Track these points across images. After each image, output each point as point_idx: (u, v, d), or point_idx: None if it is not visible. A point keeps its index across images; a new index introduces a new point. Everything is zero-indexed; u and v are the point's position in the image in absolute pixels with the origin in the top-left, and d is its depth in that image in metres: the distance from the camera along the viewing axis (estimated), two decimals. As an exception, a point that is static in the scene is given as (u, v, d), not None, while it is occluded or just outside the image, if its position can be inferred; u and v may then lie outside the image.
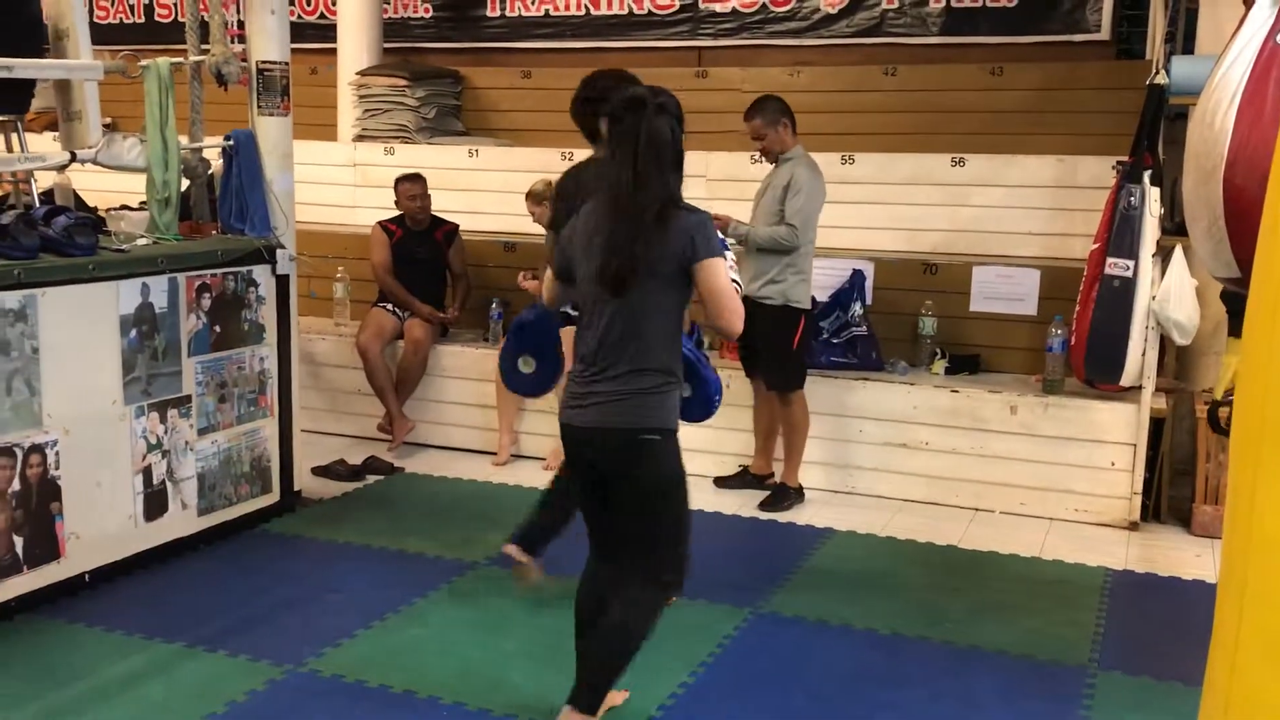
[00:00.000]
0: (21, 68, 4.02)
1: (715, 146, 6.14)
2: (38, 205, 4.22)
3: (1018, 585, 4.21)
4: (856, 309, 5.51)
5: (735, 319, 2.78)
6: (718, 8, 7.17)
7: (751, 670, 3.44)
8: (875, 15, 6.83)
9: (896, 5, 6.78)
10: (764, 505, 5.03)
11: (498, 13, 7.71)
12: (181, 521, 4.21)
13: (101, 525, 3.89)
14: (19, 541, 3.60)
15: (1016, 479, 4.99)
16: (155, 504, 4.10)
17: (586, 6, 7.50)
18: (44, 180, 4.84)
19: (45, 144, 5.54)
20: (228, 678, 3.28)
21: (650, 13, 7.33)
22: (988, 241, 5.77)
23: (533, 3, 7.61)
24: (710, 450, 5.40)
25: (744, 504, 5.05)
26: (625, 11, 7.38)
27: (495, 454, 5.64)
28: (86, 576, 3.85)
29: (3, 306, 3.50)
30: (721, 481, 5.31)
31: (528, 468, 5.54)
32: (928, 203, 5.93)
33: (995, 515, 4.97)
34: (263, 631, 3.54)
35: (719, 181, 6.08)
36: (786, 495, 5.06)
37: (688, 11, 7.23)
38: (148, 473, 4.06)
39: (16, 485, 3.58)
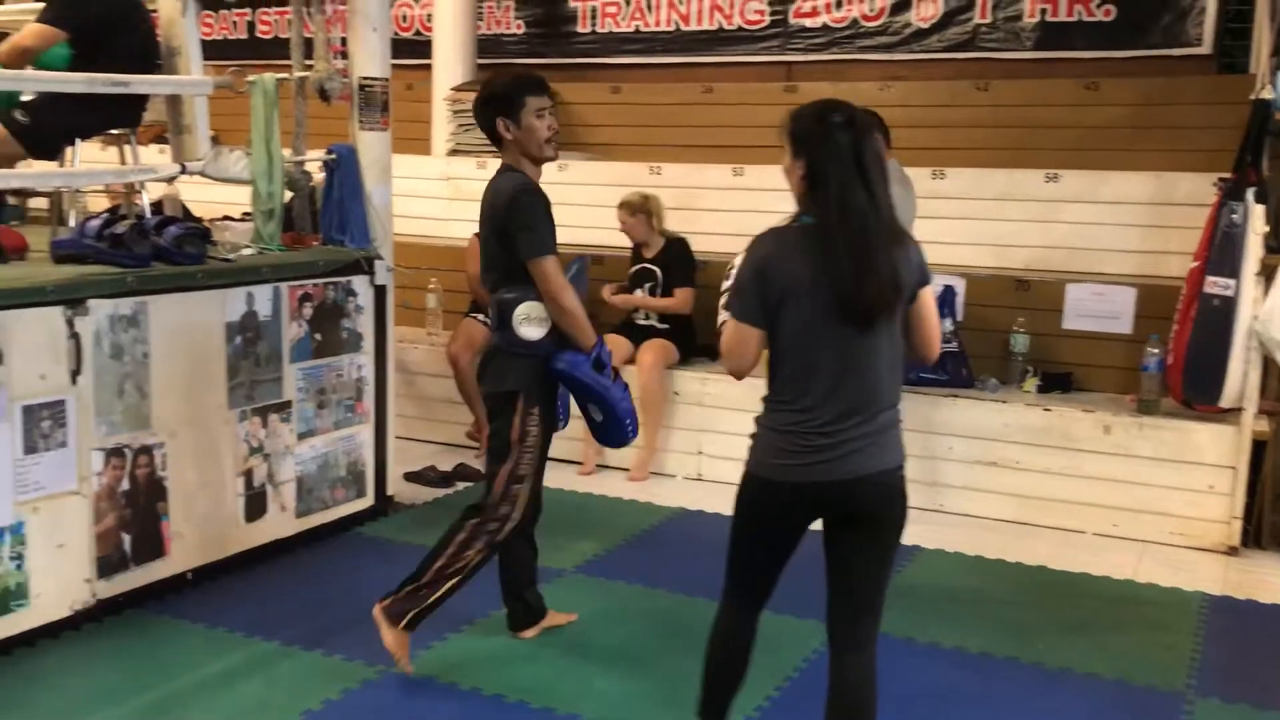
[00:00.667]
0: (136, 84, 4.19)
1: (804, 160, 6.13)
2: (149, 215, 4.38)
3: (1110, 607, 4.13)
4: (946, 325, 5.45)
5: (939, 345, 2.71)
6: (808, 23, 7.18)
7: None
8: (968, 30, 6.78)
9: (989, 20, 6.72)
10: (850, 521, 5.01)
11: (588, 29, 7.81)
12: (280, 523, 4.34)
13: (204, 525, 4.03)
14: (127, 539, 3.75)
15: (1109, 500, 4.90)
16: (256, 506, 4.23)
17: (677, 22, 7.56)
18: (154, 191, 5.03)
19: (154, 156, 5.74)
20: (324, 676, 3.37)
21: (740, 28, 7.37)
22: (1082, 258, 5.69)
23: (623, 19, 7.70)
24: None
25: (830, 519, 5.03)
26: (715, 27, 7.43)
27: (581, 464, 5.70)
28: (190, 574, 3.99)
29: (116, 313, 3.66)
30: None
31: (613, 478, 5.59)
32: (1020, 219, 5.87)
33: (1087, 536, 4.88)
34: (357, 632, 3.62)
35: (808, 196, 6.08)
36: (875, 512, 5.03)
37: (778, 26, 7.25)
38: (249, 475, 4.19)
39: (126, 485, 3.73)
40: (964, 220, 5.90)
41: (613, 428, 3.52)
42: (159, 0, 4.43)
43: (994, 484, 5.11)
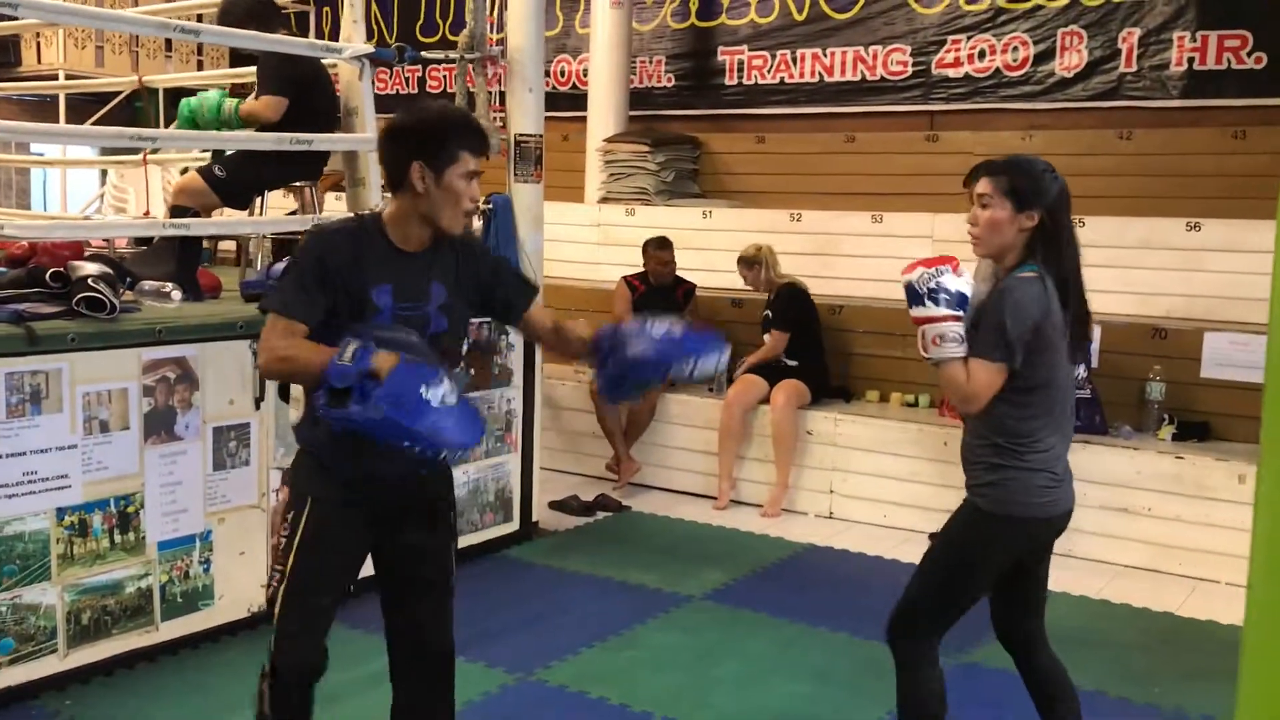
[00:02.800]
0: (319, 141, 4.67)
1: (945, 208, 6.26)
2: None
3: (1235, 656, 4.11)
4: (1081, 372, 5.50)
5: None
6: (950, 73, 7.31)
7: (953, 715, 3.56)
8: (1113, 79, 6.81)
9: (1135, 69, 6.74)
10: (977, 562, 5.10)
11: (735, 81, 8.11)
12: (433, 542, 4.71)
13: (366, 541, 4.42)
14: (300, 549, 4.16)
15: (1242, 550, 4.83)
16: (411, 525, 4.61)
17: (820, 74, 7.79)
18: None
19: (331, 205, 6.26)
20: (467, 680, 3.67)
21: (883, 78, 7.55)
22: (1223, 307, 5.65)
23: (768, 71, 7.97)
24: (925, 506, 5.53)
25: (957, 560, 5.13)
26: (858, 78, 7.63)
27: (716, 499, 5.94)
28: (350, 586, 4.37)
29: (297, 346, 4.09)
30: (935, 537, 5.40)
31: (746, 513, 5.80)
32: (1160, 267, 5.87)
33: (1219, 586, 4.85)
34: (498, 643, 3.95)
35: (945, 243, 6.20)
36: (1001, 554, 5.11)
37: (920, 77, 7.41)
38: (407, 497, 4.58)
39: (300, 501, 4.14)
40: (1102, 268, 5.85)
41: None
42: (339, 64, 4.90)
43: (1125, 530, 5.12)
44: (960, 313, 2.58)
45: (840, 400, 6.14)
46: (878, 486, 5.75)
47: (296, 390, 2.56)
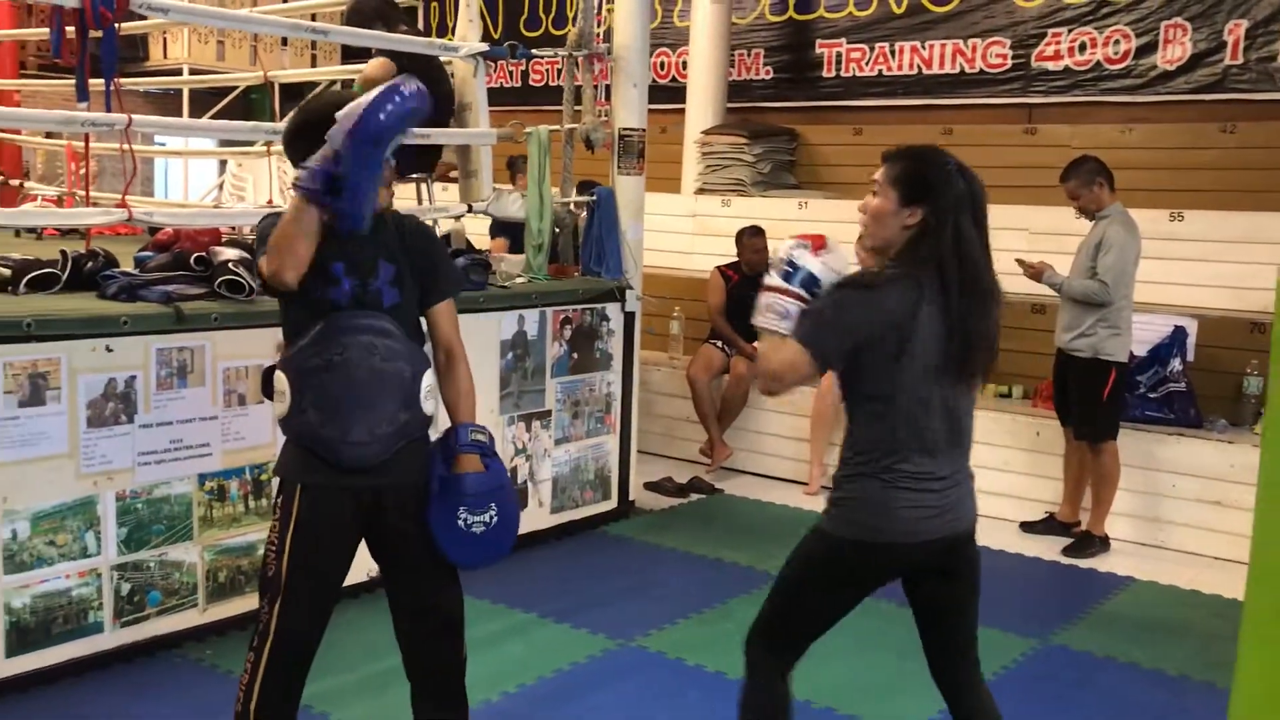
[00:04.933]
0: (435, 136, 4.94)
1: (1041, 202, 6.30)
2: (440, 247, 5.11)
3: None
4: (1176, 365, 5.53)
5: None
6: (1050, 66, 7.32)
7: (1030, 692, 3.69)
8: (1217, 71, 6.76)
9: (1241, 61, 6.68)
10: (1068, 551, 5.17)
11: (833, 73, 8.20)
12: (538, 516, 4.96)
13: (475, 513, 4.68)
14: (415, 519, 4.43)
15: (1339, 545, 4.86)
16: (518, 499, 4.86)
17: (919, 66, 7.85)
18: (443, 226, 5.80)
19: (443, 195, 6.54)
20: (572, 644, 3.92)
21: (981, 71, 7.58)
22: (1326, 302, 5.62)
23: (867, 63, 8.05)
24: (1018, 495, 5.61)
25: (1047, 549, 5.21)
26: (956, 70, 7.67)
27: (806, 484, 6.09)
28: (345, 569, 4.62)
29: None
30: (1028, 526, 5.49)
31: (838, 499, 5.94)
32: (1261, 261, 5.84)
33: (1314, 580, 4.86)
34: (600, 611, 4.17)
35: (1041, 235, 6.25)
36: (1091, 544, 5.18)
37: (1019, 69, 7.42)
38: (514, 472, 4.83)
39: (415, 474, 4.41)
40: (1200, 262, 5.92)
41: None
42: (455, 63, 5.16)
43: (1217, 523, 5.15)
44: (801, 291, 2.38)
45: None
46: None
47: (281, 384, 2.59)
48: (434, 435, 2.79)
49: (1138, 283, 5.14)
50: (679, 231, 7.73)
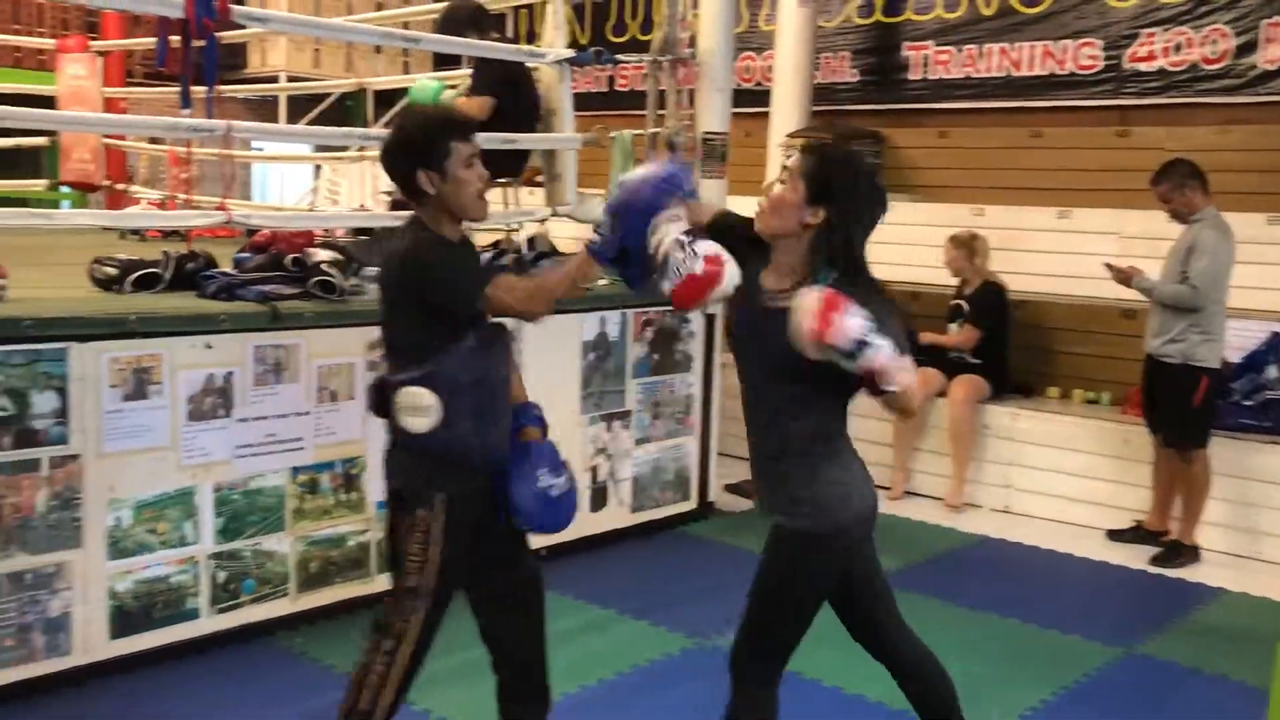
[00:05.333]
0: (522, 141, 5.03)
1: (1134, 205, 6.18)
2: (525, 251, 5.20)
3: None
4: (1272, 372, 5.39)
5: None
6: (1143, 67, 7.17)
7: (1112, 700, 3.64)
8: (1319, 71, 6.57)
9: (1347, 59, 6.48)
10: (1156, 560, 5.07)
11: (920, 75, 8.14)
12: (618, 515, 5.02)
13: (557, 511, 4.76)
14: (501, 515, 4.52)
15: None
16: (598, 498, 4.94)
17: (1008, 68, 7.74)
18: (527, 229, 5.90)
19: (529, 199, 6.65)
20: (650, 641, 3.98)
21: (1072, 73, 7.45)
22: None
23: (954, 66, 7.97)
24: (1105, 503, 5.52)
25: (1134, 557, 5.12)
26: (1046, 72, 7.56)
27: (889, 489, 6.06)
28: (544, 551, 4.71)
29: (499, 329, 4.46)
30: (1115, 534, 5.40)
31: (920, 504, 5.91)
32: (1361, 265, 5.67)
33: None
34: (678, 610, 4.22)
35: (1133, 239, 6.14)
36: (1180, 553, 5.08)
37: (1111, 71, 7.28)
38: (594, 471, 4.90)
39: (499, 471, 4.51)
40: (1296, 266, 5.77)
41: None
42: (541, 69, 5.24)
43: (1314, 535, 5.01)
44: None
45: (1020, 396, 6.17)
46: (1056, 482, 5.75)
47: (429, 398, 2.62)
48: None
49: (1233, 288, 5.03)
50: (762, 235, 7.72)
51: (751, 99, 8.59)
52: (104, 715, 3.35)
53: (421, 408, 2.64)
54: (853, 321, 2.24)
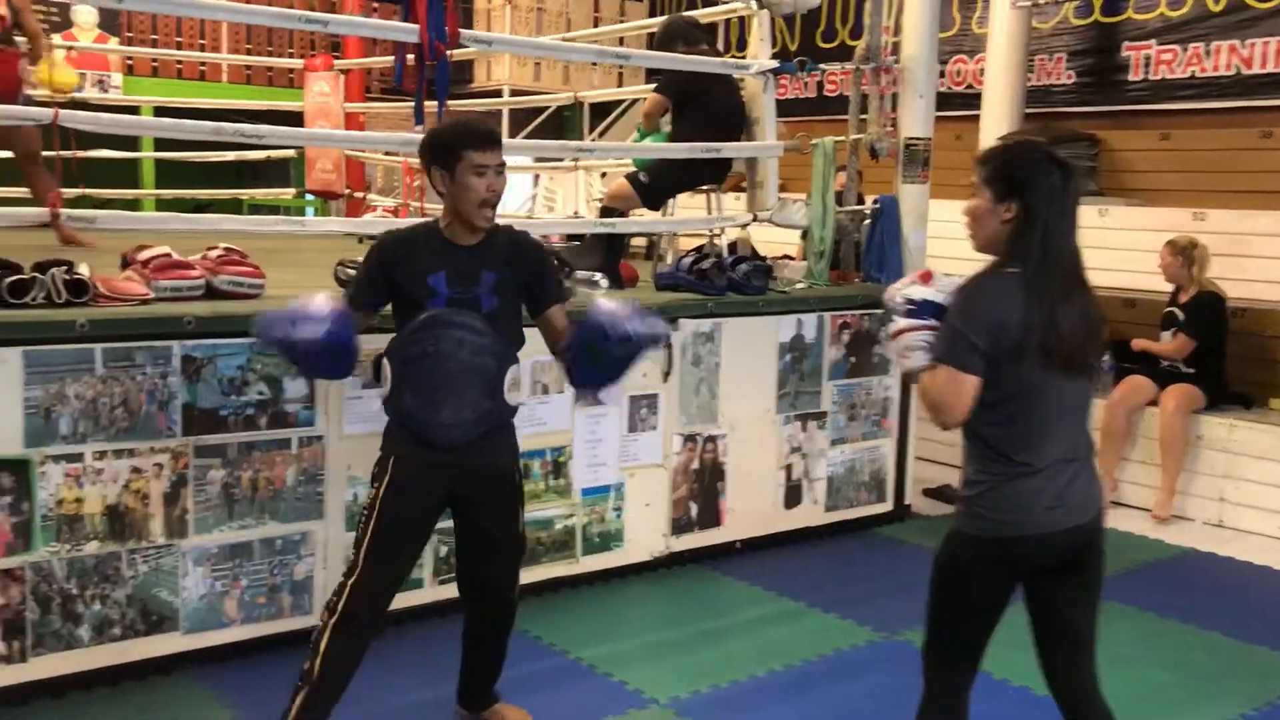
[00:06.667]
0: (725, 150, 5.24)
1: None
2: (726, 255, 5.40)
3: None
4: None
5: None
6: (1390, 61, 6.75)
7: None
8: None
9: None
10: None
11: (1140, 76, 7.88)
12: (811, 513, 5.16)
13: (752, 506, 4.94)
14: (694, 507, 4.75)
15: None
16: (792, 496, 5.08)
17: (1237, 66, 7.41)
18: (730, 233, 6.09)
19: (733, 205, 6.84)
20: (838, 633, 4.10)
21: (1310, 69, 7.08)
22: None
23: (1178, 65, 7.69)
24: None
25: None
26: (1280, 70, 7.21)
27: (1095, 498, 5.93)
28: (738, 544, 4.92)
29: (698, 330, 4.68)
30: None
31: (1127, 515, 5.76)
32: None
33: None
34: (867, 606, 4.32)
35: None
36: None
37: (1355, 66, 6.89)
38: (789, 470, 5.05)
39: (696, 464, 4.73)
40: None
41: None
42: (746, 79, 5.43)
43: None
44: (931, 321, 2.42)
45: (1239, 407, 5.93)
46: (1275, 496, 5.52)
47: (385, 369, 3.00)
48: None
49: None
50: (965, 238, 7.65)
51: (963, 102, 8.52)
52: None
53: (383, 376, 3.02)
54: (907, 288, 2.44)
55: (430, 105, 4.56)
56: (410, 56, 4.48)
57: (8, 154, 5.92)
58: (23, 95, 5.67)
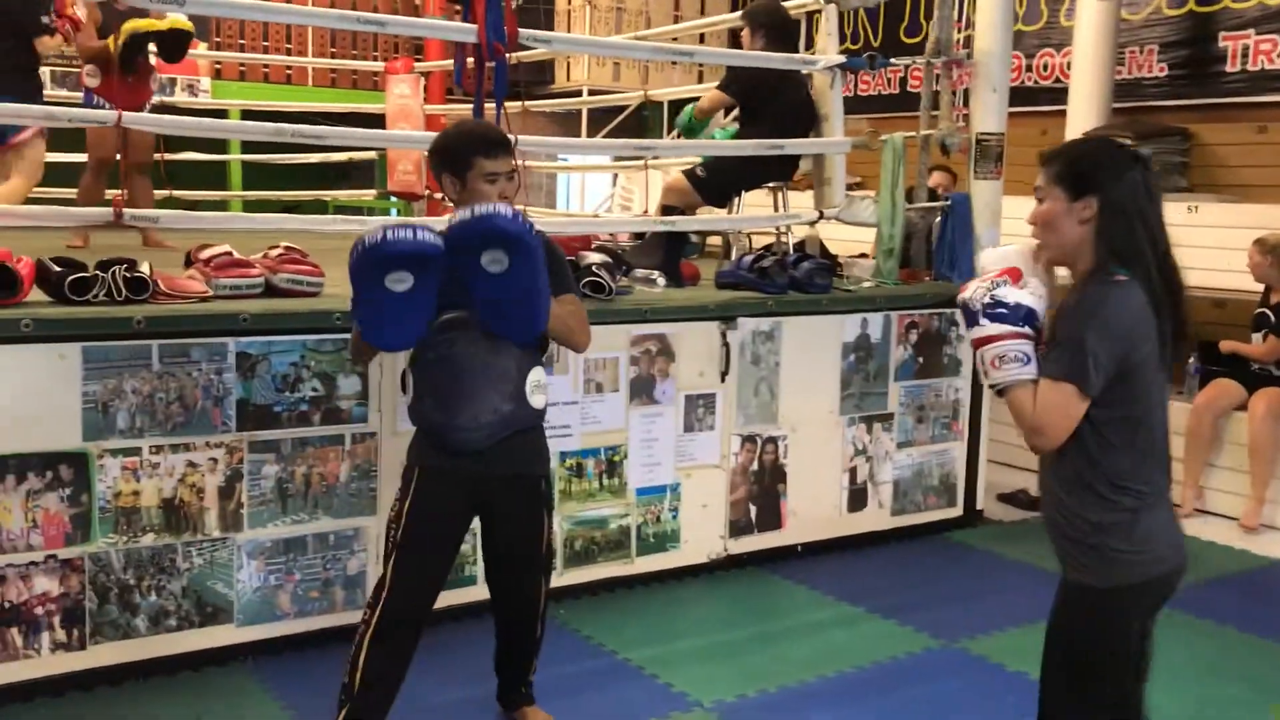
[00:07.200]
0: (790, 146, 5.16)
1: None
2: (791, 253, 5.32)
3: None
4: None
5: None
6: None
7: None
8: None
9: None
10: None
11: (1238, 67, 7.57)
12: (876, 517, 5.05)
13: (814, 508, 4.86)
14: (753, 509, 4.68)
15: None
16: (856, 499, 4.98)
17: (1344, 55, 7.09)
18: (799, 232, 6.01)
19: (801, 202, 6.74)
20: (894, 639, 4.01)
21: None
22: None
23: (1278, 55, 7.37)
24: None
25: None
26: (1390, 58, 6.86)
27: (1179, 505, 5.71)
28: (799, 547, 4.84)
29: (758, 329, 4.61)
30: None
31: (1212, 523, 5.55)
32: None
33: None
34: (928, 612, 4.21)
35: None
36: None
37: None
38: (853, 473, 4.95)
39: (755, 466, 4.66)
40: None
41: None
42: (815, 76, 5.34)
43: None
44: (1026, 329, 2.19)
45: (1336, 412, 5.65)
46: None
47: (407, 376, 2.97)
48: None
49: None
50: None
51: (1050, 96, 8.31)
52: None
53: (407, 386, 2.99)
54: (998, 289, 2.21)
55: (489, 107, 4.57)
56: (470, 58, 4.51)
57: (77, 156, 6.09)
58: (149, 105, 5.89)
